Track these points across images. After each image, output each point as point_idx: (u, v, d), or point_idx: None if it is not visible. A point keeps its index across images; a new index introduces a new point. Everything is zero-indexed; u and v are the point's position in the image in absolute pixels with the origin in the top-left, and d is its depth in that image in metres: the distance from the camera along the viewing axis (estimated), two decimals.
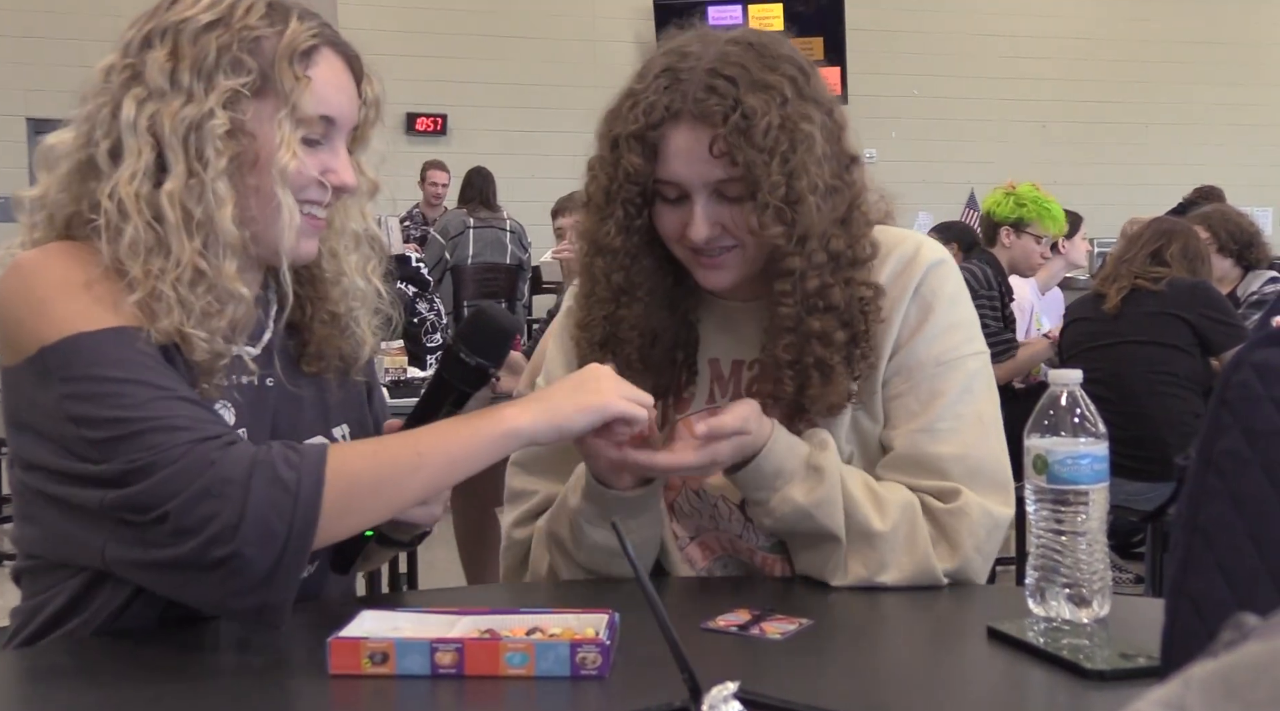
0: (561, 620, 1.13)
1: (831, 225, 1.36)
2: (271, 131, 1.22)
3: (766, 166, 1.31)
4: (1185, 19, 10.82)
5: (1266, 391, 0.80)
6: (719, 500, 1.46)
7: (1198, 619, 0.81)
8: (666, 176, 1.36)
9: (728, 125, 1.31)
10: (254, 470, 1.09)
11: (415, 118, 9.50)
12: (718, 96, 1.32)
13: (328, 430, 1.37)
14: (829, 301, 1.36)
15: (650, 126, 1.34)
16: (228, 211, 1.20)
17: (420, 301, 5.66)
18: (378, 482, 1.16)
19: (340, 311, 1.37)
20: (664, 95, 1.34)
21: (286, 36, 1.23)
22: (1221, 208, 5.02)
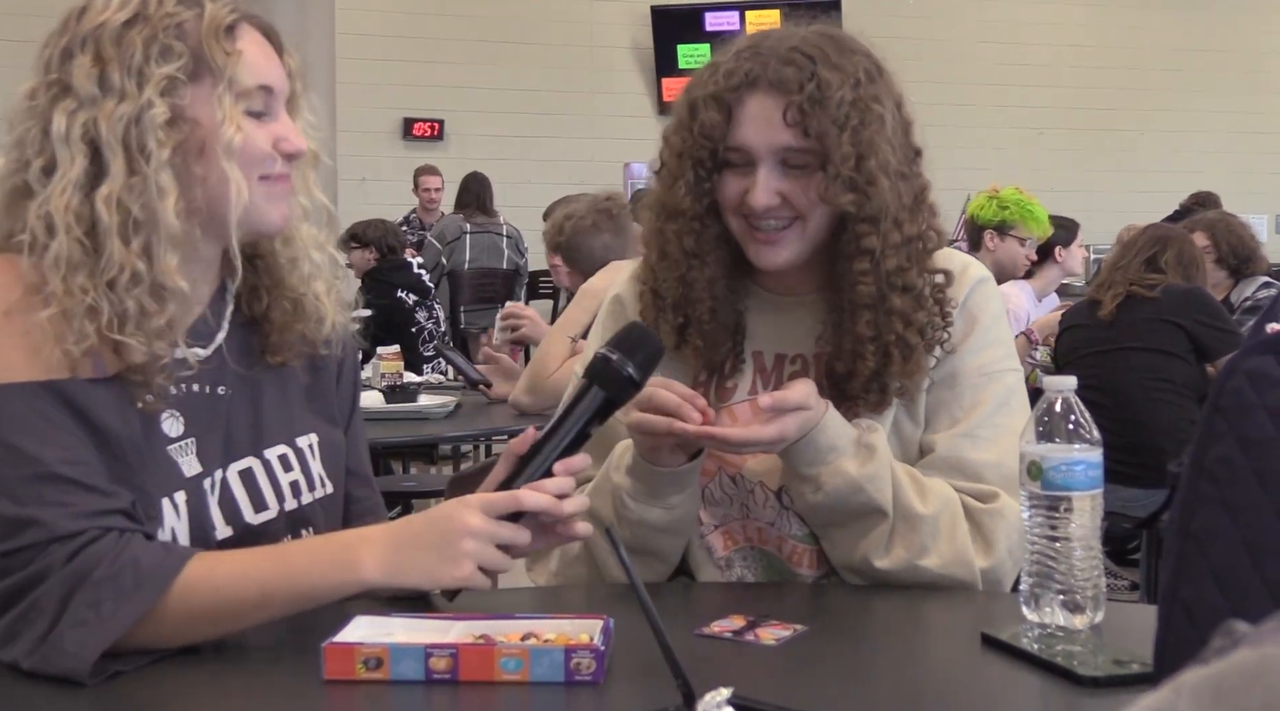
0: (556, 625, 1.13)
1: (903, 210, 1.41)
2: (212, 112, 1.21)
3: (838, 137, 1.36)
4: (1180, 27, 10.85)
5: (1260, 399, 0.81)
6: (756, 486, 1.47)
7: (1190, 625, 0.81)
8: (736, 141, 1.40)
9: (803, 94, 1.37)
10: (73, 593, 1.09)
11: (412, 123, 9.51)
12: (795, 68, 1.38)
13: (291, 439, 1.33)
14: (907, 282, 1.41)
15: (729, 89, 1.40)
16: (170, 203, 1.18)
17: (420, 310, 5.66)
18: (215, 617, 1.15)
19: (300, 295, 1.34)
20: (744, 63, 1.40)
21: (207, 16, 1.22)
22: (1226, 217, 5.01)
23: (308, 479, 1.33)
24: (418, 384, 3.64)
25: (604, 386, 1.24)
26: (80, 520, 1.12)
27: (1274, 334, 0.83)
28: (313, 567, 1.17)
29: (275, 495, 1.30)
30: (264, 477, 1.29)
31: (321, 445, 1.36)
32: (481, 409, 3.43)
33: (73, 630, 1.08)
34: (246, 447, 1.29)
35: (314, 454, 1.35)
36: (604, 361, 1.24)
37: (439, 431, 3.32)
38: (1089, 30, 10.71)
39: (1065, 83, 10.59)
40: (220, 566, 1.16)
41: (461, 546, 1.15)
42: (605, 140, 9.50)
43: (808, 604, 1.39)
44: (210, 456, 1.26)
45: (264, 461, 1.30)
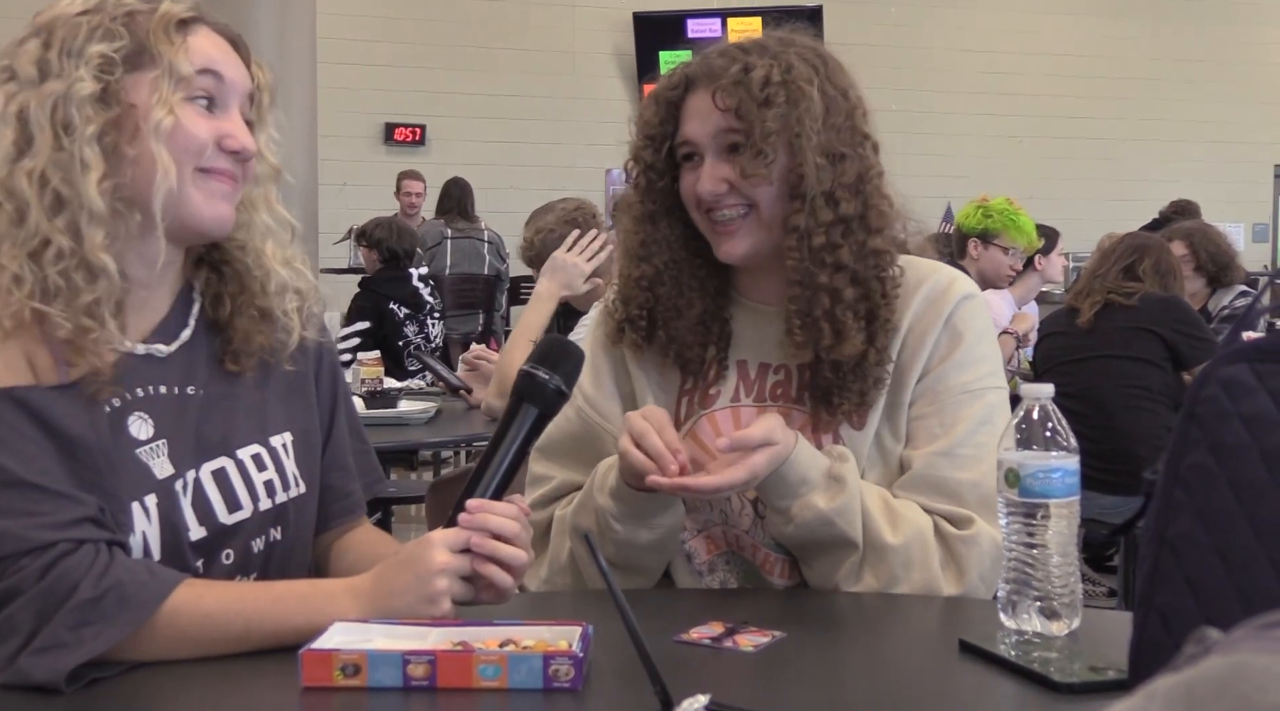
0: (534, 632, 1.13)
1: (840, 188, 1.43)
2: (149, 96, 1.21)
3: (761, 114, 1.41)
4: (1159, 37, 10.92)
5: (1234, 407, 0.81)
6: (732, 495, 1.48)
7: (1165, 632, 0.81)
8: (682, 137, 1.48)
9: (728, 77, 1.43)
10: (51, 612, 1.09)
11: (393, 128, 9.50)
12: (727, 58, 1.46)
13: (265, 438, 1.33)
14: (837, 260, 1.43)
15: (669, 88, 1.49)
16: (93, 178, 1.18)
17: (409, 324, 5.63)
18: (197, 643, 1.15)
19: (268, 306, 1.33)
20: (687, 66, 1.49)
21: (160, 10, 1.24)
22: (1205, 227, 5.05)
23: (282, 478, 1.33)
24: (398, 390, 3.63)
25: (534, 403, 1.25)
26: (51, 531, 1.12)
27: (1248, 342, 0.84)
28: (299, 612, 1.17)
29: (249, 494, 1.29)
30: (237, 477, 1.29)
31: (296, 444, 1.36)
32: (461, 415, 3.43)
33: (51, 651, 1.08)
34: (219, 447, 1.29)
35: (288, 453, 1.35)
36: (530, 379, 1.25)
37: (419, 437, 3.31)
38: (1069, 39, 10.78)
39: (1045, 91, 10.65)
40: (208, 596, 1.17)
41: (437, 586, 1.18)
42: (587, 146, 9.50)
43: (786, 610, 1.39)
44: (182, 457, 1.25)
45: (237, 461, 1.30)
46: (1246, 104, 11.04)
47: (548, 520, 1.55)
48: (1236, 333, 0.86)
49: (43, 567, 1.10)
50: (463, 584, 1.20)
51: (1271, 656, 0.46)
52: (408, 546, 1.22)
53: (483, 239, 7.63)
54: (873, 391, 1.45)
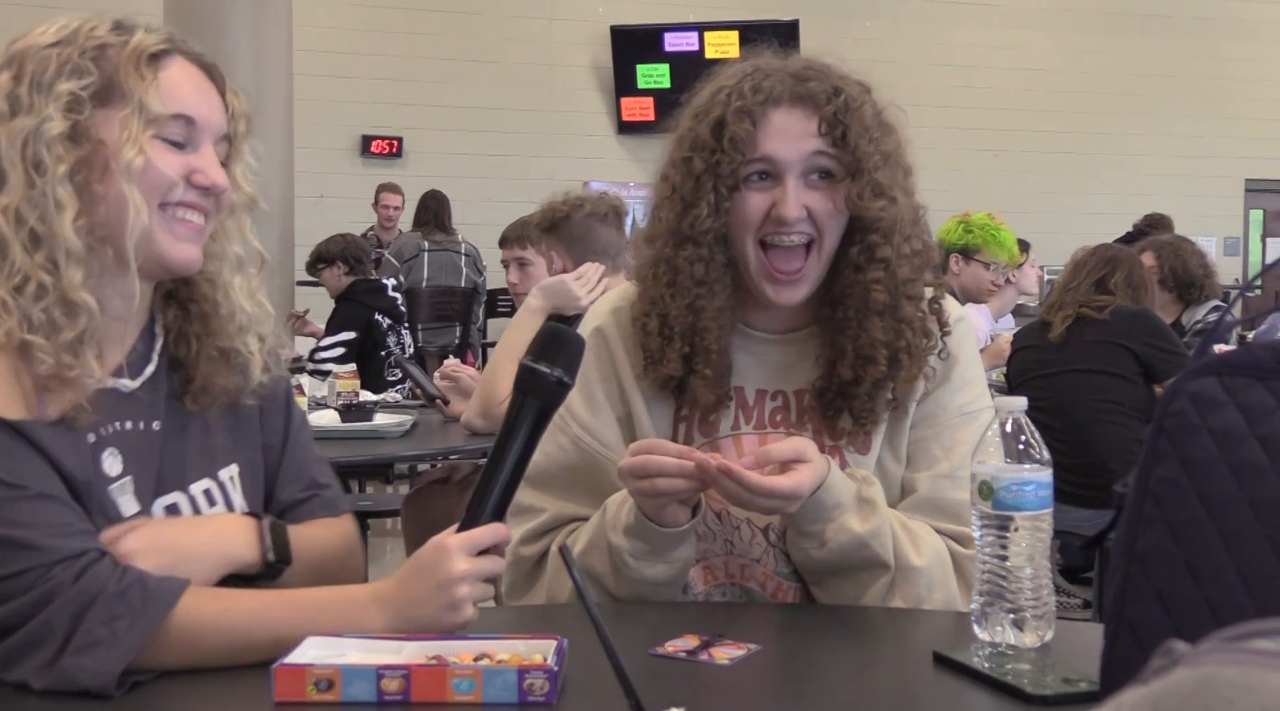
0: (509, 646, 1.12)
1: (910, 223, 1.45)
2: (118, 134, 1.20)
3: (869, 145, 1.41)
4: (1131, 52, 11.03)
5: (1203, 420, 0.82)
6: (743, 523, 1.47)
7: (1136, 644, 0.82)
8: (763, 153, 1.41)
9: (834, 104, 1.40)
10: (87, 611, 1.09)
11: (371, 140, 9.48)
12: (816, 82, 1.42)
13: (214, 472, 1.33)
14: (915, 292, 1.45)
15: (756, 104, 1.40)
16: (68, 217, 1.18)
17: (391, 335, 5.61)
18: (220, 646, 1.15)
19: (229, 347, 1.33)
20: (762, 81, 1.42)
21: (132, 43, 1.23)
22: (1178, 240, 5.06)
23: (229, 511, 1.32)
24: (374, 402, 3.62)
25: (537, 396, 1.24)
26: (80, 540, 1.13)
27: (1217, 356, 0.85)
28: (324, 621, 1.17)
29: None
30: (189, 513, 1.29)
31: (242, 477, 1.36)
32: (437, 428, 3.42)
33: (92, 648, 1.08)
34: (174, 482, 1.28)
35: (235, 485, 1.34)
36: (530, 372, 1.24)
37: (395, 450, 3.30)
38: (1042, 54, 10.87)
39: (1020, 105, 10.73)
40: (225, 598, 1.17)
41: (458, 593, 1.17)
42: (564, 159, 9.51)
43: (762, 623, 1.39)
44: (144, 494, 1.25)
45: (190, 496, 1.29)
46: (1217, 119, 11.15)
47: (540, 554, 1.51)
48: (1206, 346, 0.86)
49: (75, 574, 1.11)
50: (483, 587, 1.20)
51: (1238, 668, 0.46)
52: (425, 551, 1.21)
53: (460, 251, 7.62)
54: (880, 415, 1.46)
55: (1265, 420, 0.80)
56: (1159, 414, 0.84)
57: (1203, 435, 0.81)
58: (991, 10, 10.79)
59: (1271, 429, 0.80)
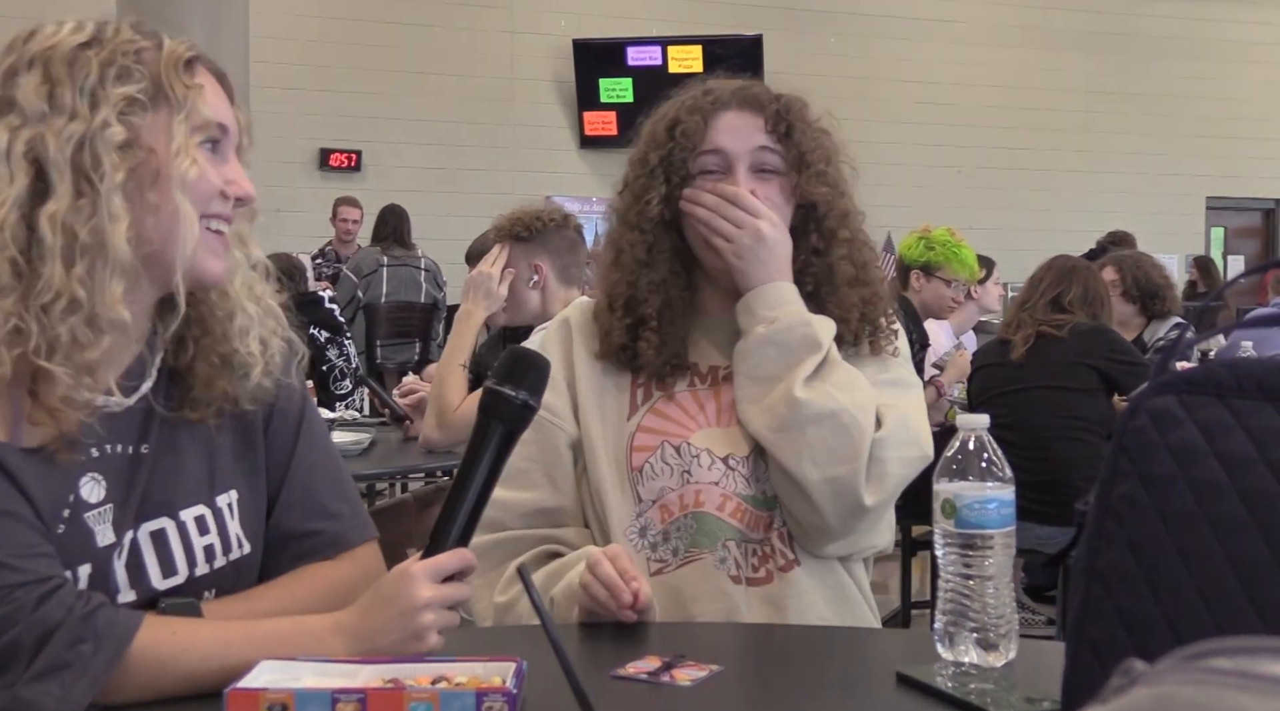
0: (468, 668, 1.12)
1: (859, 215, 1.66)
2: (167, 142, 1.18)
3: (811, 141, 1.60)
4: (1097, 70, 11.19)
5: (1162, 438, 0.83)
6: (702, 452, 1.58)
7: (1097, 663, 0.82)
8: (714, 145, 1.60)
9: (777, 105, 1.61)
10: (51, 636, 1.07)
11: (329, 153, 9.45)
12: (759, 90, 1.64)
13: (211, 498, 1.29)
14: (878, 276, 1.65)
15: (708, 104, 1.61)
16: (121, 229, 1.15)
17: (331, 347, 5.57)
18: (177, 681, 1.13)
19: (230, 350, 1.29)
20: (710, 89, 1.64)
21: (166, 48, 1.21)
22: (1137, 254, 5.14)
23: (224, 541, 1.29)
24: (331, 421, 3.60)
25: (502, 419, 1.24)
26: (43, 563, 1.11)
27: (1177, 374, 0.86)
28: (287, 652, 1.15)
29: (186, 560, 1.25)
30: (177, 541, 1.25)
31: (241, 503, 1.31)
32: (397, 446, 3.40)
33: (56, 673, 1.06)
34: (163, 507, 1.25)
35: (233, 513, 1.30)
36: (495, 395, 1.24)
37: (353, 470, 3.25)
38: (1006, 71, 11.00)
39: (982, 122, 10.85)
40: (184, 631, 1.15)
41: (422, 621, 1.16)
42: (526, 173, 9.52)
43: (723, 644, 1.39)
44: (124, 521, 1.21)
45: (179, 523, 1.26)
46: (1178, 137, 11.32)
47: (493, 544, 1.56)
48: (1165, 363, 0.87)
49: (37, 598, 1.08)
50: (450, 613, 1.19)
51: (1197, 687, 0.47)
52: (388, 578, 1.20)
53: (419, 266, 7.59)
54: None
55: (1224, 438, 0.81)
56: (1119, 431, 0.85)
57: (1162, 453, 0.82)
58: (954, 27, 10.91)
59: (1230, 446, 0.81)
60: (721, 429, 1.59)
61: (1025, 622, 4.35)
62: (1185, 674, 0.48)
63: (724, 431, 1.59)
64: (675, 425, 1.60)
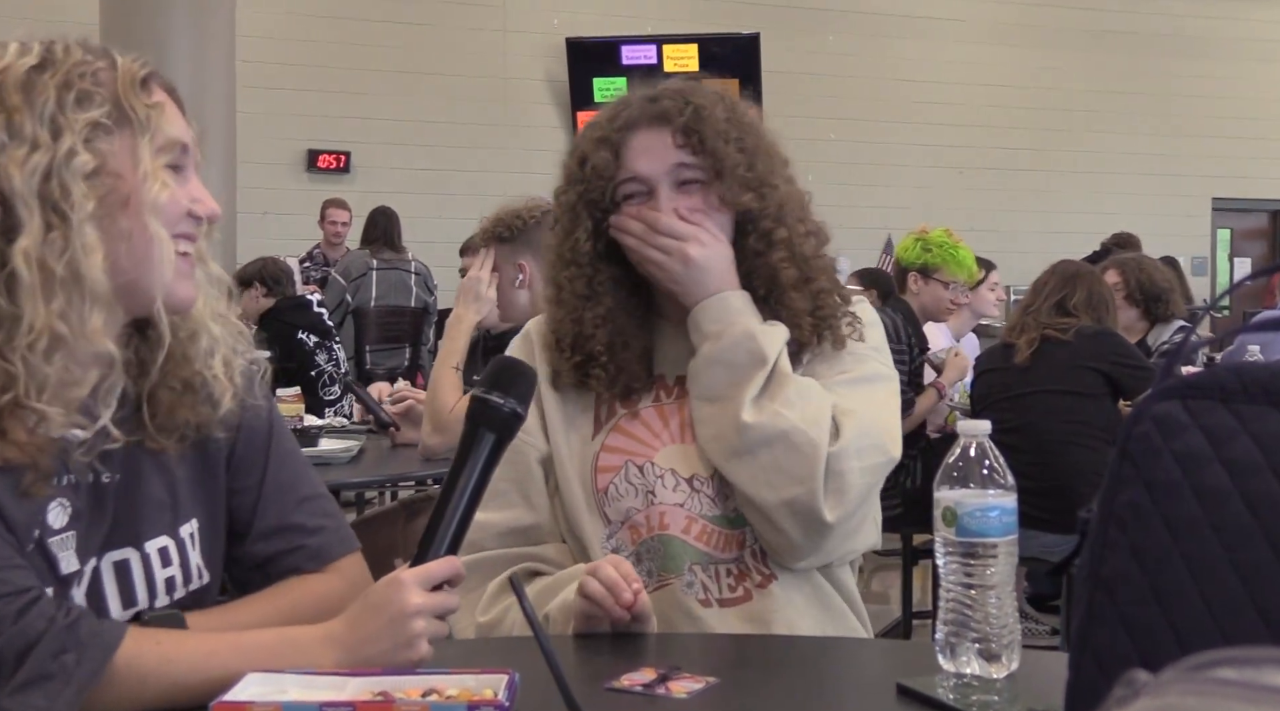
0: (459, 681, 1.12)
1: (800, 207, 1.63)
2: (134, 165, 1.17)
3: (725, 148, 1.56)
4: (1100, 69, 11.20)
5: (1166, 444, 0.83)
6: (666, 472, 1.58)
7: (1100, 674, 0.82)
8: (631, 173, 1.58)
9: (684, 116, 1.57)
10: (34, 647, 1.07)
11: (317, 154, 9.45)
12: (668, 101, 1.59)
13: (174, 529, 1.28)
14: (824, 266, 1.63)
15: (614, 130, 1.58)
16: (97, 260, 1.14)
17: (320, 352, 5.56)
18: (161, 694, 1.13)
19: (192, 373, 1.27)
20: (619, 111, 1.61)
21: (121, 67, 1.20)
22: (1141, 258, 5.14)
23: (185, 572, 1.29)
24: (319, 427, 3.59)
25: (491, 428, 1.24)
26: (20, 575, 1.11)
27: (1182, 378, 0.86)
28: (275, 664, 1.14)
29: (148, 591, 1.25)
30: (140, 572, 1.25)
31: (202, 532, 1.32)
32: (387, 454, 3.39)
33: (40, 684, 1.06)
34: (128, 537, 1.24)
35: (194, 543, 1.30)
36: (483, 404, 1.24)
37: (342, 477, 3.27)
38: (1007, 70, 11.01)
39: (984, 122, 10.87)
40: (168, 643, 1.15)
41: (412, 628, 1.16)
42: (518, 174, 9.49)
43: (720, 656, 1.39)
44: (87, 549, 1.21)
45: (144, 555, 1.26)
46: (1183, 136, 11.34)
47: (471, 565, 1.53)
48: (1170, 368, 0.88)
49: (17, 610, 1.08)
50: (438, 623, 1.19)
51: (1200, 699, 0.47)
52: (376, 587, 1.20)
53: (410, 270, 7.59)
54: None
55: (1229, 443, 0.82)
56: (1123, 437, 0.85)
57: (1166, 458, 0.82)
58: (956, 25, 10.93)
59: (1235, 452, 0.81)
60: (686, 446, 1.59)
61: (1029, 633, 4.35)
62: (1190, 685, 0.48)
63: (688, 449, 1.59)
64: (638, 444, 1.60)
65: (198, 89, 6.72)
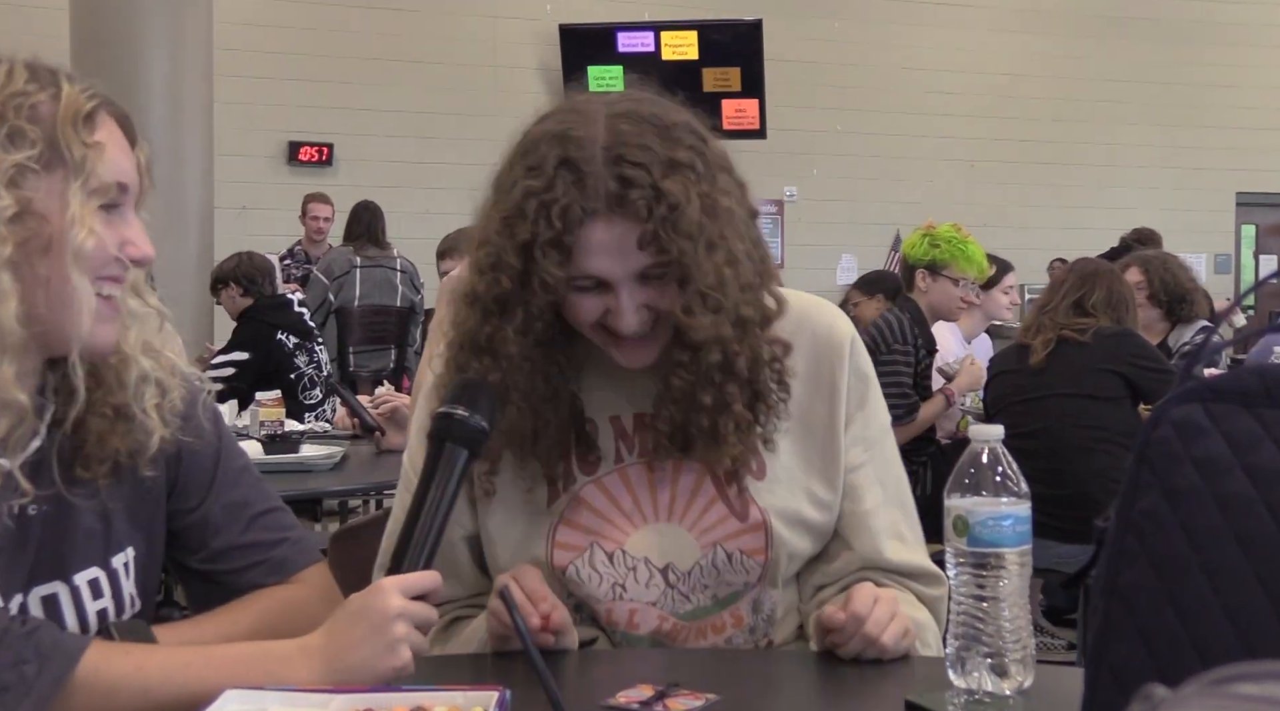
0: (448, 698, 1.12)
1: (741, 291, 1.40)
2: (61, 209, 1.15)
3: (695, 253, 1.34)
4: (1118, 56, 11.21)
5: (1186, 449, 0.83)
6: (640, 563, 1.47)
7: (1117, 689, 0.83)
8: (585, 271, 1.35)
9: (653, 217, 1.32)
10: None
11: (298, 147, 9.45)
12: (636, 188, 1.33)
13: (106, 560, 1.28)
14: (732, 370, 1.40)
15: (567, 231, 1.33)
16: (11, 308, 1.13)
17: (300, 354, 5.56)
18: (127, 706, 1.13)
19: (124, 402, 1.26)
20: (573, 193, 1.33)
21: (64, 100, 1.17)
22: (1164, 255, 5.14)
23: (118, 603, 1.29)
24: (300, 433, 3.60)
25: (461, 443, 1.26)
26: None
27: (1202, 381, 0.86)
28: (250, 677, 1.14)
29: (79, 625, 1.26)
30: (69, 606, 1.25)
31: (138, 561, 1.32)
32: (370, 460, 3.39)
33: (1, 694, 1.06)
34: (54, 571, 1.24)
35: (128, 573, 1.31)
36: (449, 419, 1.26)
37: (323, 485, 3.28)
38: (1022, 59, 11.02)
39: (998, 113, 10.88)
40: (135, 654, 1.15)
41: (395, 632, 1.16)
42: None
43: (721, 671, 1.39)
44: (11, 585, 1.21)
45: (72, 588, 1.26)
46: (1207, 128, 11.34)
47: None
48: (1189, 370, 0.88)
49: None
50: (418, 634, 1.19)
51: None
52: (355, 596, 1.20)
53: (395, 268, 7.59)
54: (761, 446, 1.47)
55: (1252, 449, 0.82)
56: (1140, 442, 0.85)
57: (1186, 465, 0.83)
58: (967, 11, 10.94)
59: (1259, 458, 0.81)
60: (660, 526, 1.47)
61: (1044, 647, 4.35)
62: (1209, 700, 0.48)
63: (663, 530, 1.47)
64: (605, 524, 1.47)
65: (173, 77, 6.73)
